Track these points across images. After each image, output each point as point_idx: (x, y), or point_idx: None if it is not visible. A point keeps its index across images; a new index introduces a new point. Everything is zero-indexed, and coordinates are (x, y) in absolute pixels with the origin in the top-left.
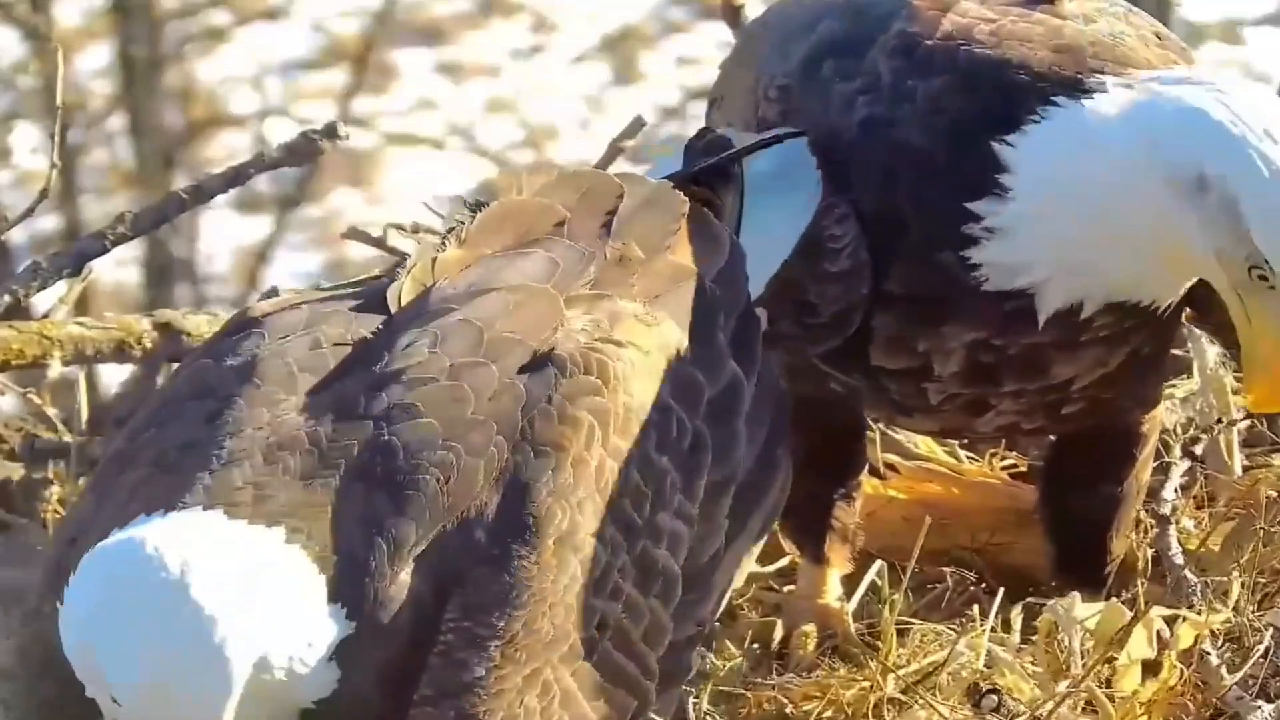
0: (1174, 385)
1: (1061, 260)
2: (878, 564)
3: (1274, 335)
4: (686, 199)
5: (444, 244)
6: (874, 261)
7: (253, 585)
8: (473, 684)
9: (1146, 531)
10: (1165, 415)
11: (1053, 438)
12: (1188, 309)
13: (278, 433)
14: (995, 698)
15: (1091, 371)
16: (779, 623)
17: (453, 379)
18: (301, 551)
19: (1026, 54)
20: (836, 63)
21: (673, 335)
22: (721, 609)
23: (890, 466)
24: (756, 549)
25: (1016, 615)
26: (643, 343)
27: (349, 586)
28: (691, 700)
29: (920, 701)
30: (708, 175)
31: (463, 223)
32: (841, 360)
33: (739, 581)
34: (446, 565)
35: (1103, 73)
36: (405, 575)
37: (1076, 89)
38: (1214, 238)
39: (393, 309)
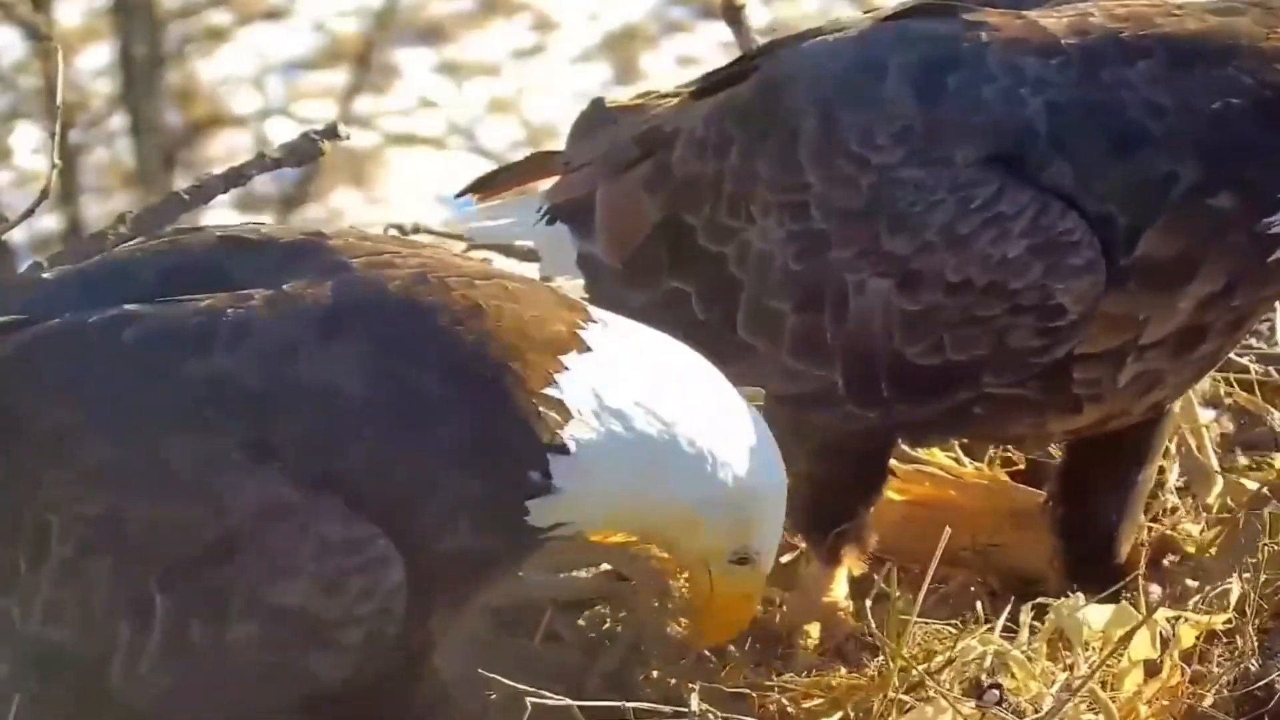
0: None
1: None
2: (886, 566)
3: None
4: None
5: None
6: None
7: None
8: None
9: (1147, 532)
10: None
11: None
12: None
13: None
14: (998, 692)
15: (1245, 335)
16: (781, 621)
17: None
18: None
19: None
20: (960, 76)
21: None
22: None
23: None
24: None
25: (1025, 616)
26: None
27: None
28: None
29: (924, 695)
30: None
31: None
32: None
33: None
34: None
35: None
36: None
37: None
38: None
39: None
